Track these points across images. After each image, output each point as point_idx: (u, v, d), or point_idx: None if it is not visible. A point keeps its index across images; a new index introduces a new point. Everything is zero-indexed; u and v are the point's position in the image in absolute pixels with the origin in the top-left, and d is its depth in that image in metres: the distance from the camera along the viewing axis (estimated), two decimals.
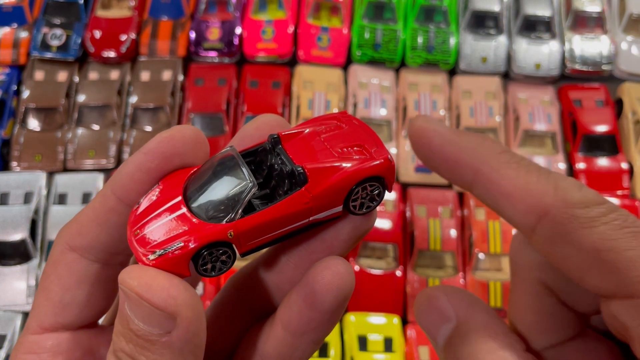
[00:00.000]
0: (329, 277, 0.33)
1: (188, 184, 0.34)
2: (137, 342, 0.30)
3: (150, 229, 0.32)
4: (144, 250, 0.32)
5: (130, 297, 0.30)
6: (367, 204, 0.35)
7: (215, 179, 0.33)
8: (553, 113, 1.39)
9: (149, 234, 0.32)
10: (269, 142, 0.35)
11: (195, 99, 1.38)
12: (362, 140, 0.35)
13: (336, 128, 0.36)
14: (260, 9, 1.48)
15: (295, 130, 0.36)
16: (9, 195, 1.26)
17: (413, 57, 1.42)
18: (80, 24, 1.43)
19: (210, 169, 0.34)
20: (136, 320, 0.30)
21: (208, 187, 0.33)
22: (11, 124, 1.35)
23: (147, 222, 0.32)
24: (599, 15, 1.46)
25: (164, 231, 0.32)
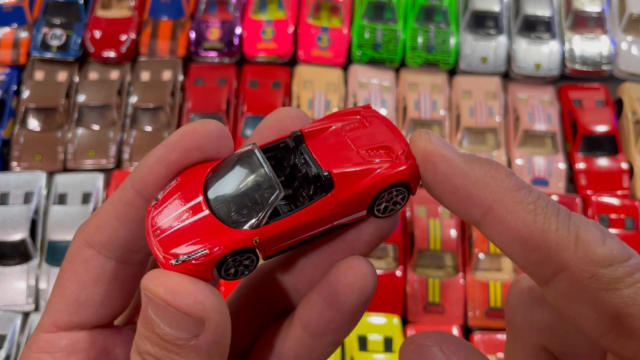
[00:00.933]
0: (351, 277, 0.33)
1: (208, 182, 0.33)
2: (164, 346, 0.30)
3: (171, 231, 0.31)
4: (167, 254, 0.31)
5: (156, 303, 0.30)
6: (390, 207, 0.34)
7: (239, 181, 0.32)
8: (553, 113, 1.39)
9: (171, 237, 0.31)
10: (292, 140, 0.34)
11: (195, 99, 1.38)
12: (387, 140, 0.34)
13: (360, 126, 0.35)
14: (260, 9, 1.48)
15: (318, 127, 0.35)
16: (9, 195, 1.26)
17: (413, 57, 1.42)
18: (80, 24, 1.43)
19: (233, 169, 0.33)
20: (162, 324, 0.29)
21: (232, 189, 0.32)
22: (11, 124, 1.35)
23: (168, 224, 0.31)
24: (599, 15, 1.46)
25: (187, 235, 0.31)
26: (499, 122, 1.37)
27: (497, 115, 1.38)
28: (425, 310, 1.21)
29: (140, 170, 0.33)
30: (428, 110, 1.37)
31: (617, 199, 1.29)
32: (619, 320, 0.27)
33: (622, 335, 0.28)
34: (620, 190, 1.32)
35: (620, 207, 1.28)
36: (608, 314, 0.28)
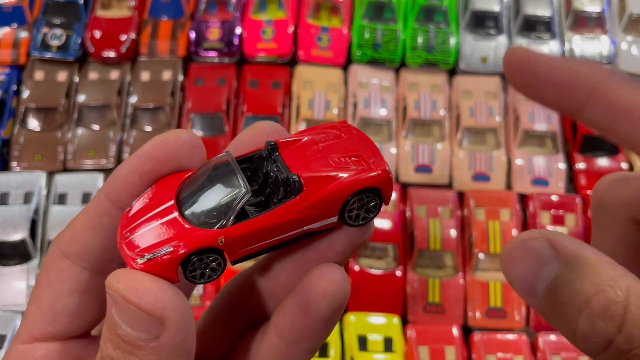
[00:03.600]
0: (323, 284, 0.33)
1: (181, 189, 0.33)
2: (125, 348, 0.30)
3: (140, 232, 0.32)
4: (132, 253, 0.31)
5: (117, 301, 0.30)
6: (363, 215, 0.34)
7: (209, 185, 0.33)
8: (553, 113, 1.39)
9: (138, 238, 0.31)
10: (266, 149, 0.35)
11: (195, 99, 1.38)
12: (360, 150, 0.35)
13: (335, 137, 0.36)
14: (260, 9, 1.48)
15: (293, 138, 0.36)
16: (9, 195, 1.26)
17: (413, 57, 1.42)
18: (80, 24, 1.43)
19: (205, 174, 0.33)
20: (124, 325, 0.29)
21: (201, 193, 0.33)
22: (11, 124, 1.35)
23: (137, 226, 0.32)
24: (599, 15, 1.46)
25: (153, 235, 0.31)
26: (499, 122, 1.37)
27: (497, 115, 1.38)
28: (425, 310, 1.21)
29: (113, 180, 0.33)
30: (428, 110, 1.37)
31: None
32: None
33: None
34: None
35: None
36: None
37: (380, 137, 1.37)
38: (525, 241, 0.32)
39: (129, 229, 0.32)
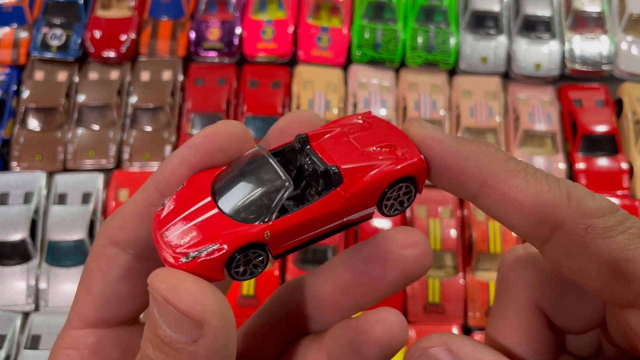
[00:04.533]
0: (378, 332, 0.33)
1: (216, 184, 0.32)
2: (163, 350, 0.29)
3: (179, 230, 0.31)
4: (174, 253, 0.30)
5: (158, 301, 0.29)
6: (396, 207, 0.34)
7: (247, 179, 0.32)
8: (553, 113, 1.39)
9: (178, 236, 0.30)
10: (297, 142, 0.34)
11: (195, 99, 1.38)
12: (391, 140, 0.34)
13: (364, 128, 0.35)
14: (260, 9, 1.48)
15: (322, 130, 0.35)
16: (9, 195, 1.26)
17: (413, 57, 1.42)
18: (80, 24, 1.43)
19: (239, 168, 0.33)
20: (163, 325, 0.29)
21: (240, 187, 0.32)
22: (11, 124, 1.35)
23: (175, 224, 0.31)
24: (599, 15, 1.46)
25: (195, 233, 0.30)
26: (499, 122, 1.37)
27: (497, 115, 1.38)
28: (425, 311, 1.21)
29: (163, 171, 0.33)
30: (428, 110, 1.37)
31: (617, 199, 1.29)
32: (616, 265, 0.29)
33: (621, 281, 0.29)
34: (620, 190, 1.32)
35: (620, 207, 1.27)
36: (606, 261, 0.29)
37: None
38: (425, 349, 0.31)
39: (167, 228, 0.31)
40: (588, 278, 0.30)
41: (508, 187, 0.31)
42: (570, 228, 0.30)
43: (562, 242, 0.30)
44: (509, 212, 0.31)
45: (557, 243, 0.30)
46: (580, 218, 0.30)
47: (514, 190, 0.31)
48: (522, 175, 0.32)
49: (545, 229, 0.30)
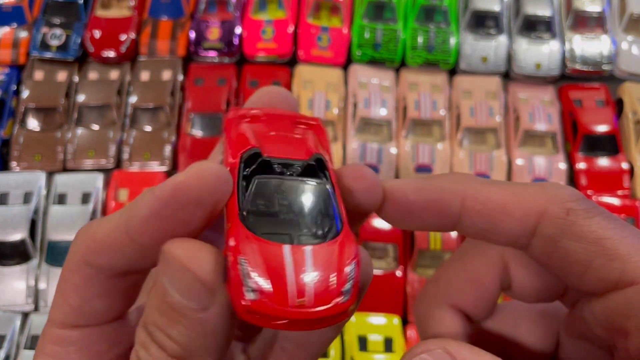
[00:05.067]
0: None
1: None
2: (171, 315, 0.29)
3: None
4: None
5: (172, 266, 0.29)
6: None
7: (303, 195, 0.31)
8: (553, 113, 1.38)
9: None
10: None
11: (195, 98, 1.37)
12: None
13: None
14: (260, 8, 1.48)
15: None
16: (8, 195, 1.26)
17: (413, 57, 1.42)
18: (80, 23, 1.43)
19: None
20: (174, 292, 0.29)
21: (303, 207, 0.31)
22: (11, 124, 1.35)
23: None
24: (599, 15, 1.46)
25: None
26: (499, 122, 1.37)
27: (498, 115, 1.38)
28: None
29: (134, 219, 0.31)
30: (428, 110, 1.37)
31: (618, 199, 1.29)
32: (599, 243, 0.31)
33: (606, 258, 0.31)
34: (620, 190, 1.32)
35: (621, 207, 1.28)
36: (590, 240, 0.31)
37: (380, 137, 1.36)
38: (423, 353, 0.32)
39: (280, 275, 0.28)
40: (575, 262, 0.32)
41: (487, 196, 0.33)
42: (552, 213, 0.32)
43: (548, 229, 0.32)
44: (493, 215, 0.33)
45: (543, 231, 0.32)
46: (560, 203, 0.32)
47: (495, 194, 0.33)
48: (496, 183, 0.34)
49: (531, 219, 0.33)
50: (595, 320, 0.34)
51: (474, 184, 0.34)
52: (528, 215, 0.33)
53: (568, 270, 0.33)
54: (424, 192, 0.34)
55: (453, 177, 0.35)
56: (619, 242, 0.31)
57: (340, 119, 1.37)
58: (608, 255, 0.31)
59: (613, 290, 0.32)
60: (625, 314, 0.31)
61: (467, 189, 0.34)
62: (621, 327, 0.32)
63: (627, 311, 0.31)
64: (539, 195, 0.33)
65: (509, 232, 0.33)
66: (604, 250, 0.31)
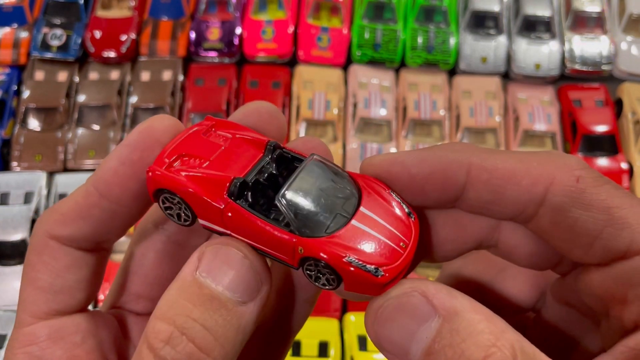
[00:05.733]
0: None
1: None
2: (211, 307, 0.30)
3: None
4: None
5: (219, 259, 0.30)
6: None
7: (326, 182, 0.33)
8: (553, 113, 1.39)
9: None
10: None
11: (196, 99, 1.38)
12: None
13: None
14: (260, 9, 1.48)
15: None
16: (9, 195, 1.26)
17: (413, 57, 1.42)
18: (80, 24, 1.44)
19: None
20: (217, 285, 0.30)
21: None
22: (11, 124, 1.36)
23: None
24: (599, 15, 1.46)
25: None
26: (499, 122, 1.37)
27: (497, 115, 1.38)
28: None
29: (103, 172, 0.33)
30: (428, 110, 1.37)
31: None
32: (609, 212, 0.31)
33: (616, 227, 0.31)
34: None
35: None
36: (601, 208, 0.31)
37: (380, 137, 1.37)
38: (398, 297, 0.30)
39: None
40: (583, 232, 0.31)
41: (494, 165, 0.32)
42: (562, 181, 0.31)
43: (558, 197, 0.31)
44: (502, 184, 0.32)
45: (551, 201, 0.31)
46: (569, 171, 0.31)
47: (501, 162, 0.32)
48: (501, 152, 0.33)
49: (540, 187, 0.31)
50: (590, 289, 0.33)
51: (480, 153, 0.33)
52: (537, 183, 0.32)
53: (575, 242, 0.32)
54: (427, 164, 0.33)
55: (456, 146, 0.33)
56: (629, 212, 0.30)
57: (340, 119, 1.37)
58: (618, 224, 0.30)
59: (620, 260, 0.31)
60: (629, 283, 0.31)
61: (472, 157, 0.32)
62: (621, 296, 0.31)
63: (632, 280, 0.30)
64: (547, 163, 0.32)
65: (516, 201, 0.32)
66: (613, 219, 0.30)
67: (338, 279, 0.31)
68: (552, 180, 0.31)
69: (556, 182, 0.31)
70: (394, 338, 0.30)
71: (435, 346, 0.28)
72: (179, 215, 0.33)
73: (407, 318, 0.29)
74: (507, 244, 0.36)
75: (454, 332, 0.28)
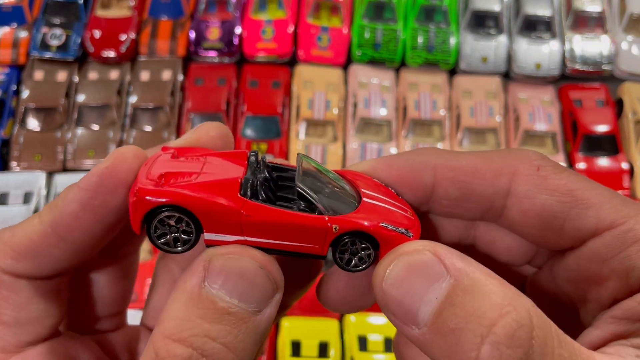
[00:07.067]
0: None
1: None
2: (227, 321, 0.29)
3: None
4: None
5: (232, 273, 0.29)
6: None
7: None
8: (553, 113, 1.38)
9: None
10: None
11: (195, 98, 1.37)
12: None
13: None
14: (260, 8, 1.48)
15: None
16: (8, 195, 1.25)
17: (413, 57, 1.42)
18: (79, 23, 1.43)
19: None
20: (228, 297, 0.29)
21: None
22: (11, 124, 1.35)
23: None
24: (599, 15, 1.46)
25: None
26: (499, 122, 1.37)
27: (498, 115, 1.37)
28: None
29: (63, 216, 0.31)
30: (428, 110, 1.37)
31: None
32: (573, 195, 0.33)
33: (582, 207, 0.33)
34: (620, 190, 1.32)
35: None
36: (564, 192, 0.33)
37: (380, 137, 1.36)
38: (409, 254, 0.29)
39: None
40: (552, 216, 0.33)
41: (458, 161, 0.34)
42: (524, 171, 0.33)
43: (521, 188, 0.33)
44: (467, 182, 0.34)
45: (517, 191, 0.33)
46: (529, 162, 0.33)
47: (464, 160, 0.34)
48: (465, 152, 0.35)
49: (503, 179, 0.33)
50: (566, 274, 0.34)
51: (444, 154, 0.35)
52: (500, 176, 0.33)
53: (545, 228, 0.33)
54: (395, 168, 0.35)
55: (421, 150, 0.36)
56: (591, 192, 0.32)
57: (340, 119, 1.37)
58: (582, 204, 0.32)
59: (590, 238, 0.32)
60: (602, 259, 0.32)
61: (437, 159, 0.34)
62: (596, 275, 0.32)
63: (604, 255, 0.32)
64: (508, 157, 0.34)
65: (483, 194, 0.34)
66: (577, 201, 0.32)
67: (374, 249, 0.32)
68: (514, 171, 0.34)
69: (518, 172, 0.33)
70: (403, 299, 0.28)
71: (446, 306, 0.27)
72: (175, 240, 0.31)
73: (417, 277, 0.28)
74: (484, 241, 0.37)
75: (467, 292, 0.27)
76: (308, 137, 1.35)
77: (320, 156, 1.32)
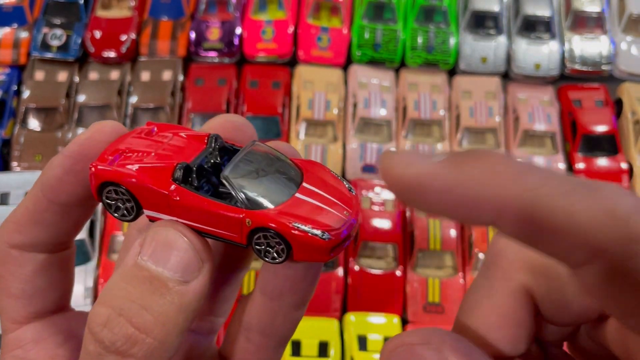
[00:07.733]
0: None
1: None
2: (149, 288, 0.30)
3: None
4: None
5: (159, 240, 0.31)
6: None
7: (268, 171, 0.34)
8: (553, 113, 1.39)
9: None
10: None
11: (196, 99, 1.38)
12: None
13: None
14: (260, 9, 1.48)
15: None
16: (9, 195, 1.26)
17: (413, 57, 1.42)
18: (80, 24, 1.44)
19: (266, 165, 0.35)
20: (155, 265, 0.30)
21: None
22: (11, 124, 1.36)
23: None
24: (599, 15, 1.46)
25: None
26: (498, 122, 1.37)
27: (497, 116, 1.38)
28: (425, 310, 1.22)
29: (49, 180, 0.34)
30: (428, 110, 1.37)
31: None
32: None
33: None
34: None
35: None
36: None
37: (380, 137, 1.37)
38: (412, 346, 0.27)
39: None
40: (626, 306, 0.25)
41: (454, 180, 0.25)
42: (613, 254, 0.23)
43: (602, 270, 0.23)
44: (462, 195, 0.24)
45: (594, 270, 0.24)
46: (628, 244, 0.22)
47: (460, 179, 0.24)
48: (446, 161, 0.25)
49: (581, 254, 0.23)
50: (616, 335, 0.28)
51: (433, 170, 0.25)
52: (578, 250, 0.23)
53: (615, 309, 0.25)
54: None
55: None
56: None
57: (340, 119, 1.37)
58: None
59: None
60: None
61: (427, 177, 0.25)
62: None
63: None
64: (602, 224, 0.22)
65: (554, 255, 0.25)
66: None
67: (287, 247, 0.32)
68: (602, 250, 0.22)
69: (606, 254, 0.22)
70: None
71: None
72: (126, 210, 0.34)
73: None
74: (545, 308, 0.30)
75: None
76: (308, 137, 1.35)
77: (320, 156, 1.33)
